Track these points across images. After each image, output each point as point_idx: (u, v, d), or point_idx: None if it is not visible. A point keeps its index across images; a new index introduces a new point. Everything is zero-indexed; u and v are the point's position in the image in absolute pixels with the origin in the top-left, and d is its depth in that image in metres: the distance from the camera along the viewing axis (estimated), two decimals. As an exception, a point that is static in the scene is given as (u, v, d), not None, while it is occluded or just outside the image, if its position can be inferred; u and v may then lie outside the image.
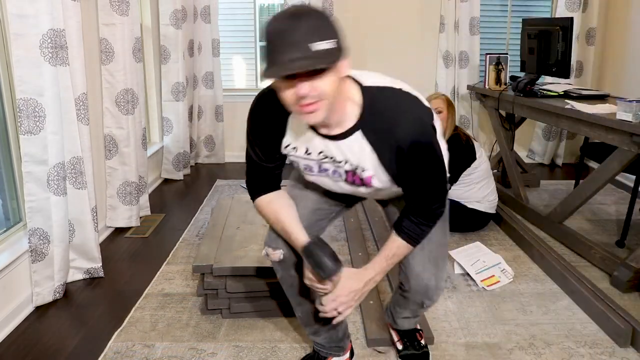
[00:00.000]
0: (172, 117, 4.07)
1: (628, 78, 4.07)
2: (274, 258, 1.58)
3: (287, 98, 1.20)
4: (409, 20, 4.48)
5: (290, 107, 1.22)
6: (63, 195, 2.27)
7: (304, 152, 1.41)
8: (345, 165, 1.38)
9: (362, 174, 1.38)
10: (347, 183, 1.44)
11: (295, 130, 1.39)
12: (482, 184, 2.94)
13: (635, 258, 2.34)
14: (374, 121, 1.31)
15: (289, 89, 1.17)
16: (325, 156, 1.39)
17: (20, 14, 2.05)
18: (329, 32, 1.15)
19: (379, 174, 1.38)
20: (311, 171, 1.46)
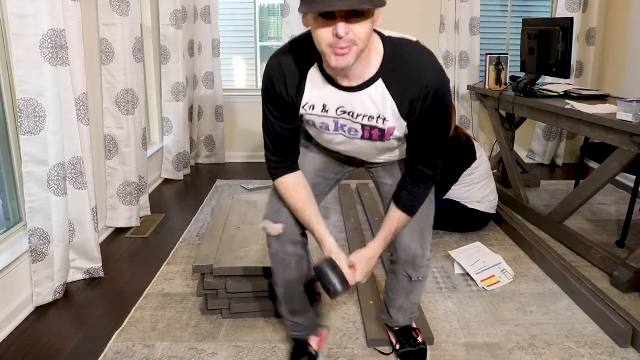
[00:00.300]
0: (172, 117, 4.07)
1: (628, 78, 4.07)
2: (273, 232, 1.59)
3: (323, 37, 1.19)
4: (409, 20, 4.48)
5: (323, 47, 1.21)
6: (63, 195, 2.27)
7: (320, 110, 1.40)
8: (363, 119, 1.38)
9: (383, 125, 1.38)
10: (363, 139, 1.44)
11: (313, 85, 1.38)
12: (482, 184, 2.94)
13: (635, 258, 2.34)
14: (395, 69, 1.32)
15: (327, 27, 1.18)
16: (344, 111, 1.38)
17: (20, 14, 2.05)
18: None
19: (399, 125, 1.38)
20: (327, 129, 1.45)
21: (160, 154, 4.12)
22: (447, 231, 3.02)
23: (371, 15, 1.20)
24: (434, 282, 2.45)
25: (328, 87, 1.36)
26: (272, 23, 4.75)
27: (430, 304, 2.25)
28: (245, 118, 4.66)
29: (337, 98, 1.37)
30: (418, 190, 1.53)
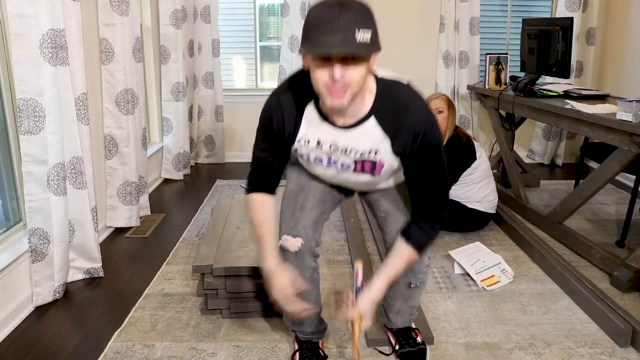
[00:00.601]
0: (172, 117, 4.07)
1: (628, 78, 4.07)
2: (293, 248, 1.60)
3: (320, 78, 1.26)
4: (409, 20, 4.48)
5: (320, 87, 1.28)
6: (63, 195, 2.27)
7: (315, 144, 1.46)
8: (356, 155, 1.45)
9: (374, 158, 1.44)
10: (355, 172, 1.50)
11: (309, 122, 1.44)
12: (482, 184, 2.94)
13: (635, 258, 2.34)
14: (387, 108, 1.38)
15: (324, 69, 1.24)
16: (337, 147, 1.45)
17: (20, 14, 2.05)
18: (371, 24, 1.23)
19: (390, 160, 1.44)
20: (320, 162, 1.52)
21: (160, 154, 4.12)
22: (447, 231, 3.02)
23: (367, 60, 1.26)
24: (434, 282, 2.45)
25: (323, 124, 1.43)
26: (272, 23, 4.75)
27: (430, 304, 2.25)
28: (245, 118, 4.66)
29: (331, 135, 1.43)
30: (429, 227, 1.52)
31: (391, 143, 1.41)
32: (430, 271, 2.34)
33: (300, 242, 1.60)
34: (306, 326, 1.81)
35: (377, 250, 2.78)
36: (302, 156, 1.54)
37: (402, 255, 1.53)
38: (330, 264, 2.60)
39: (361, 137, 1.41)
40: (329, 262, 2.62)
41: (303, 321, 1.78)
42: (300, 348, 1.85)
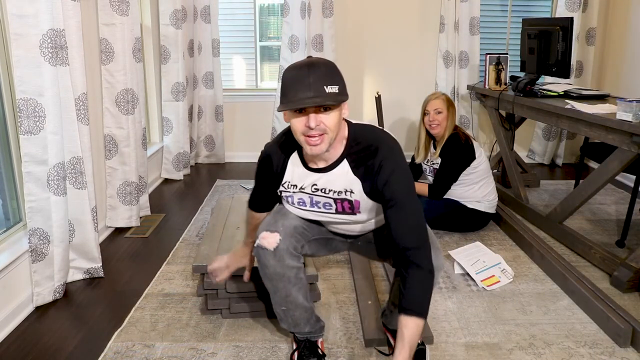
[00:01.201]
0: (172, 117, 4.07)
1: (628, 78, 4.07)
2: (271, 243, 1.64)
3: (298, 127, 1.46)
4: (409, 20, 4.48)
5: (298, 135, 1.47)
6: (63, 195, 2.27)
7: (298, 188, 1.65)
8: (333, 194, 1.61)
9: (350, 197, 1.60)
10: (337, 213, 1.66)
11: (294, 167, 1.64)
12: (482, 183, 2.94)
13: (635, 258, 2.34)
14: (356, 150, 1.56)
15: (300, 119, 1.44)
16: (317, 188, 1.62)
17: (20, 14, 2.05)
18: (337, 79, 1.44)
19: (364, 199, 1.59)
20: (304, 205, 1.68)
21: (160, 154, 4.12)
22: (447, 231, 3.02)
23: (337, 107, 1.46)
24: (434, 282, 2.45)
25: (305, 170, 1.63)
26: (272, 23, 4.75)
27: (431, 304, 2.24)
28: (245, 118, 4.66)
29: (311, 178, 1.62)
30: (418, 282, 1.48)
31: (362, 184, 1.56)
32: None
33: (278, 237, 1.64)
34: (302, 326, 1.81)
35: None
36: (287, 199, 1.70)
37: (408, 327, 1.46)
38: (330, 264, 2.60)
39: (336, 178, 1.58)
40: (328, 262, 2.62)
41: (298, 321, 1.79)
42: (298, 347, 1.85)
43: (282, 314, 1.79)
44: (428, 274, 1.49)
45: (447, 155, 2.89)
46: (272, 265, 1.66)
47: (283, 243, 1.64)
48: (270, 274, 1.68)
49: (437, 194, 2.92)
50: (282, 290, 1.70)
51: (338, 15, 4.38)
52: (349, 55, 4.53)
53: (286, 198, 1.71)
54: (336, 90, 1.42)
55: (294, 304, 1.74)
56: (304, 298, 1.76)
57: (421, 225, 1.52)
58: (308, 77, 1.40)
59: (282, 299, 1.73)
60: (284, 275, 1.67)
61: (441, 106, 2.91)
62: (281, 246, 1.64)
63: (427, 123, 2.96)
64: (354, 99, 4.63)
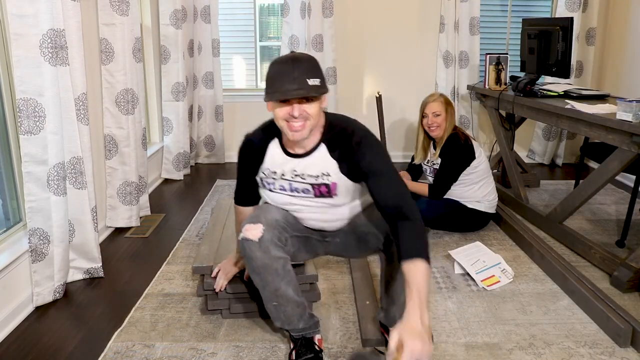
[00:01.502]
0: (172, 117, 4.07)
1: (628, 78, 4.07)
2: (254, 234, 1.69)
3: (280, 114, 1.58)
4: (409, 20, 4.48)
5: (281, 122, 1.59)
6: (63, 195, 2.27)
7: (280, 175, 1.75)
8: (310, 179, 1.71)
9: (327, 181, 1.70)
10: (316, 197, 1.75)
11: (273, 154, 1.75)
12: (482, 183, 2.94)
13: (635, 258, 2.34)
14: (333, 134, 1.68)
15: (284, 108, 1.57)
16: (296, 174, 1.72)
17: (20, 14, 2.05)
18: (318, 73, 1.56)
19: (341, 180, 1.69)
20: (284, 190, 1.78)
21: (160, 154, 4.12)
22: (447, 231, 3.02)
23: (318, 99, 1.59)
24: (434, 282, 2.45)
25: (284, 156, 1.73)
26: (272, 23, 4.75)
27: (430, 304, 2.25)
28: (245, 118, 4.66)
29: (290, 164, 1.72)
30: (413, 231, 1.54)
31: (338, 165, 1.67)
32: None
33: (261, 227, 1.69)
34: (296, 322, 1.82)
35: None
36: (267, 185, 1.80)
37: (413, 273, 1.48)
38: (330, 264, 2.60)
39: (314, 162, 1.69)
40: (328, 262, 2.62)
41: (291, 317, 1.80)
42: (295, 346, 1.86)
43: (274, 310, 1.80)
44: (420, 224, 1.57)
45: (447, 156, 2.89)
46: (258, 257, 1.68)
47: (267, 233, 1.69)
48: (257, 267, 1.70)
49: (437, 194, 2.92)
50: (271, 283, 1.73)
51: (338, 15, 4.38)
52: (349, 55, 4.53)
53: (267, 185, 1.80)
54: (318, 83, 1.54)
55: (284, 298, 1.76)
56: (294, 292, 1.77)
57: (405, 189, 1.64)
58: (293, 71, 1.52)
59: (272, 294, 1.75)
60: (271, 267, 1.70)
61: (439, 109, 2.90)
62: (265, 236, 1.68)
63: (426, 125, 2.96)
64: (354, 99, 4.63)
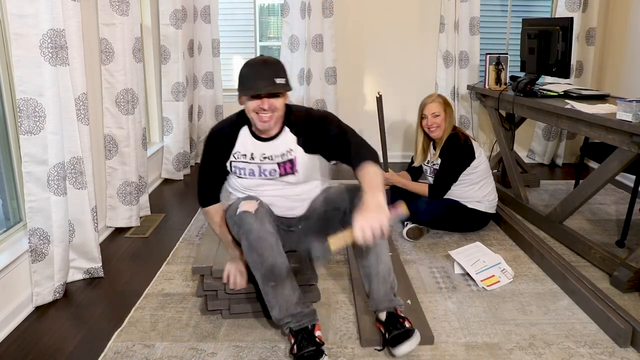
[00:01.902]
0: (172, 117, 4.07)
1: (628, 78, 4.07)
2: (251, 207, 1.89)
3: (251, 106, 1.86)
4: (409, 20, 4.48)
5: (252, 114, 1.87)
6: (63, 195, 2.27)
7: (249, 157, 1.98)
8: (277, 158, 1.96)
9: (291, 156, 1.96)
10: (281, 176, 1.98)
11: (244, 139, 1.99)
12: (482, 183, 2.94)
13: (635, 258, 2.34)
14: (295, 117, 1.98)
15: (255, 102, 1.85)
16: (265, 157, 1.96)
17: (20, 14, 2.05)
18: (283, 74, 1.86)
19: (301, 154, 1.96)
20: (253, 175, 2.00)
21: (160, 154, 4.12)
22: (447, 231, 3.02)
23: (284, 95, 1.90)
24: (434, 282, 2.45)
25: (254, 140, 1.98)
26: (272, 23, 4.75)
27: (430, 304, 2.25)
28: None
29: (260, 148, 1.97)
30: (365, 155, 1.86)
31: (297, 140, 1.95)
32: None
33: (257, 203, 1.92)
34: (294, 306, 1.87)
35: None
36: (237, 172, 2.00)
37: (366, 173, 1.79)
38: (330, 264, 2.60)
39: (280, 144, 1.96)
40: (329, 262, 2.62)
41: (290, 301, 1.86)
42: (296, 340, 1.86)
43: (272, 293, 1.86)
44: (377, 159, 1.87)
45: (447, 156, 2.89)
46: (255, 229, 1.83)
47: (261, 207, 1.92)
48: (254, 239, 1.83)
49: (437, 194, 2.92)
50: (268, 259, 1.83)
51: (338, 15, 4.38)
52: (349, 55, 4.53)
53: (237, 171, 2.01)
54: (284, 81, 1.84)
55: (281, 277, 1.85)
56: (289, 273, 1.88)
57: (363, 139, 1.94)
58: (263, 71, 1.82)
59: (269, 272, 1.84)
60: (267, 241, 1.84)
61: (438, 109, 2.90)
62: (260, 210, 1.90)
63: (425, 127, 2.96)
64: (354, 99, 4.63)
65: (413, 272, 2.54)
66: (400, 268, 2.53)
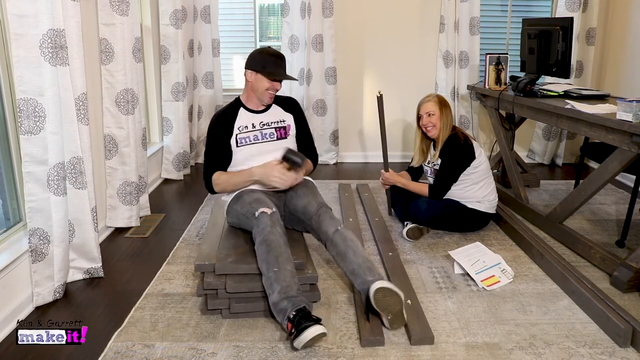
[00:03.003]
0: (172, 117, 4.07)
1: (628, 78, 4.07)
2: (268, 209, 2.19)
3: (268, 87, 2.38)
4: (409, 20, 4.48)
5: (264, 91, 2.39)
6: (63, 195, 2.27)
7: (251, 127, 2.44)
8: (274, 124, 2.48)
9: (285, 124, 2.50)
10: (277, 140, 2.46)
11: (242, 116, 2.46)
12: (482, 183, 2.94)
13: (635, 258, 2.34)
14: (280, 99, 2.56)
15: (273, 83, 2.39)
16: (263, 123, 2.46)
17: (20, 14, 2.05)
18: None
19: (293, 123, 2.53)
20: (257, 140, 2.44)
21: (160, 154, 4.12)
22: (447, 231, 3.02)
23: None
24: (434, 282, 2.45)
25: (250, 114, 2.47)
26: (272, 23, 4.75)
27: (430, 304, 2.25)
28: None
29: (257, 118, 2.47)
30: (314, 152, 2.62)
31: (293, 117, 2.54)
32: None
33: (273, 207, 2.23)
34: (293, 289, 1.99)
35: (377, 250, 2.78)
36: (243, 141, 2.41)
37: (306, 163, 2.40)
38: (330, 264, 2.60)
39: (271, 114, 2.50)
40: (328, 262, 2.62)
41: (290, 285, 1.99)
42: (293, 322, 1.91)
43: (274, 277, 2.00)
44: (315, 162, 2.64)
45: (447, 156, 2.89)
46: (269, 227, 2.11)
47: (276, 211, 2.22)
48: (267, 234, 2.09)
49: (438, 194, 2.92)
50: (275, 249, 2.06)
51: (338, 15, 4.38)
52: (349, 55, 4.53)
53: (242, 141, 2.42)
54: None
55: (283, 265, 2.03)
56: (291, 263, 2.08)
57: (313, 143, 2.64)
58: (281, 63, 2.41)
59: (274, 260, 2.04)
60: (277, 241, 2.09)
61: (433, 108, 2.91)
62: (275, 212, 2.21)
63: (423, 127, 2.97)
64: (354, 99, 4.63)
65: (413, 272, 2.54)
66: (400, 268, 2.53)
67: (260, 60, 2.36)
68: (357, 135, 4.69)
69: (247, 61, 2.41)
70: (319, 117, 4.47)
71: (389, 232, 2.98)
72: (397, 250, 2.75)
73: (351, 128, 4.66)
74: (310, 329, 1.86)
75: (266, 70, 2.34)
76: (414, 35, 4.51)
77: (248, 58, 2.41)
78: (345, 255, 2.16)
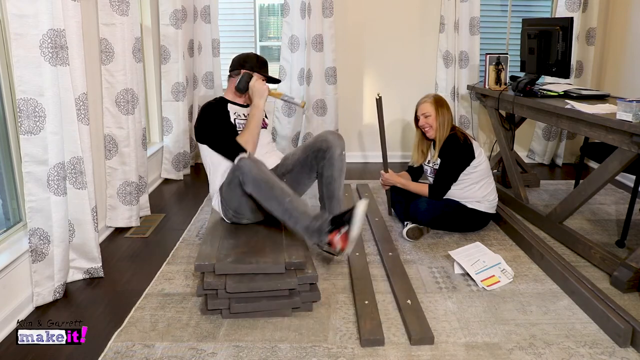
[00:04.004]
0: (172, 117, 4.07)
1: (628, 78, 4.07)
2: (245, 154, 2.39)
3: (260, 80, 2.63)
4: (409, 20, 4.48)
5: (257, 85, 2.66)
6: (63, 195, 2.27)
7: (242, 115, 2.67)
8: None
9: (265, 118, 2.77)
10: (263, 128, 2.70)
11: (233, 110, 2.66)
12: (482, 183, 2.94)
13: (635, 258, 2.34)
14: None
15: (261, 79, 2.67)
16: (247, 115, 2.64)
17: (20, 14, 2.05)
18: None
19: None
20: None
21: (160, 154, 4.12)
22: (447, 231, 3.02)
23: None
24: (434, 282, 2.45)
25: (237, 107, 2.70)
26: (272, 23, 4.75)
27: (430, 304, 2.25)
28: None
29: (245, 110, 2.71)
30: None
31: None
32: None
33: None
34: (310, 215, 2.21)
35: (377, 250, 2.78)
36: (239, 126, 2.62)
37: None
38: (330, 264, 2.60)
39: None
40: (329, 262, 2.62)
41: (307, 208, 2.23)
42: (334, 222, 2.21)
43: (290, 207, 2.21)
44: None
45: (446, 156, 2.89)
46: (255, 167, 2.25)
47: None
48: (255, 174, 2.24)
49: (437, 194, 2.92)
50: (273, 182, 2.24)
51: (338, 15, 4.38)
52: (349, 55, 4.53)
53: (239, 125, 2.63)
54: None
55: (292, 193, 2.23)
56: (288, 187, 2.28)
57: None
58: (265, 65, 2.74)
59: (281, 192, 2.22)
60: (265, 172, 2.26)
61: (429, 109, 2.91)
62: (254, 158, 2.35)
63: (421, 127, 2.98)
64: (354, 99, 4.63)
65: (413, 272, 2.54)
66: (400, 268, 2.53)
67: (253, 59, 2.68)
68: (357, 135, 4.69)
69: (230, 67, 2.74)
70: (319, 117, 4.47)
71: (389, 232, 2.98)
72: (397, 250, 2.75)
73: (351, 128, 4.66)
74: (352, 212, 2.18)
75: (258, 68, 2.66)
76: (414, 35, 4.51)
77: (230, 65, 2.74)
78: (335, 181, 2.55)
